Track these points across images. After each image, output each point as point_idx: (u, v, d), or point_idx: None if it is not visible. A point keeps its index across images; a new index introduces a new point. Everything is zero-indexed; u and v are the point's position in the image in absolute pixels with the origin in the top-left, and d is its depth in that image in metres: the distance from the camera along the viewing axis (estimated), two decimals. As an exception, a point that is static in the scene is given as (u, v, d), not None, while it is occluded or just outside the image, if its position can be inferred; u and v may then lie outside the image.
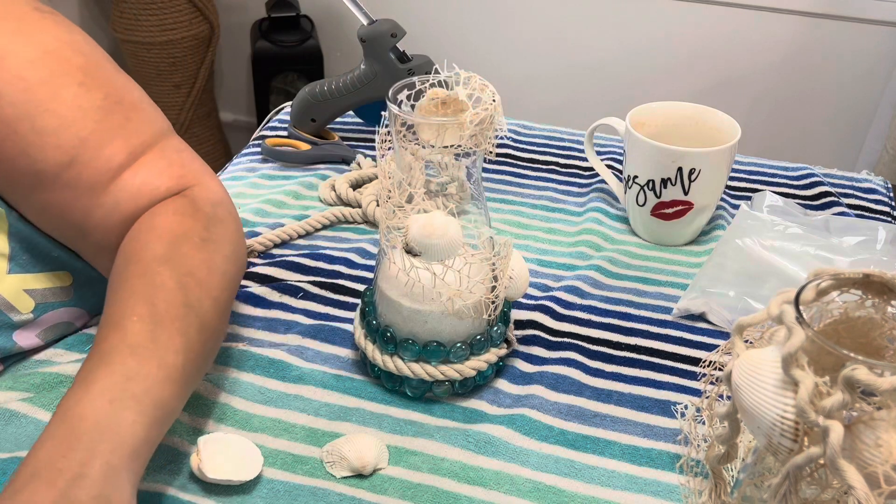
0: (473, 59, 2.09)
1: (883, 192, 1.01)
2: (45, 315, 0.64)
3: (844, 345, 0.46)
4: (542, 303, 0.78)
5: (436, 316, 0.64)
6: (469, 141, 0.60)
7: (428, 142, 0.60)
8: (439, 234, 0.60)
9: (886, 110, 1.86)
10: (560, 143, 1.09)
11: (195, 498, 0.58)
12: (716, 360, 0.54)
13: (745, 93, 1.96)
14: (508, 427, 0.64)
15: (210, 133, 2.31)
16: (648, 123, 0.90)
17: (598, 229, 0.90)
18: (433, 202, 0.63)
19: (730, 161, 0.86)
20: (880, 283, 0.46)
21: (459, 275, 0.62)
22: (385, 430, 0.64)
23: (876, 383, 0.39)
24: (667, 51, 1.96)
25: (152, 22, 2.06)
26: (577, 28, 2.00)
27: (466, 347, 0.65)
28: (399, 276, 0.63)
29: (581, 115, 1.98)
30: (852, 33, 1.83)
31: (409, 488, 0.59)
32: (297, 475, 0.60)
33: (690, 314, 0.78)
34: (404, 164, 0.62)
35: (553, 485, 0.60)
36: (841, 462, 0.40)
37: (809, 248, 0.85)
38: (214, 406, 0.65)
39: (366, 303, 0.69)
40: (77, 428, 0.47)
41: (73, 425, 0.48)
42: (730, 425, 0.50)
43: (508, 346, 0.70)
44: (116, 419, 0.48)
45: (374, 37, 0.95)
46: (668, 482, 0.61)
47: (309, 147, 1.01)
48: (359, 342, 0.68)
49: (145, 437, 0.50)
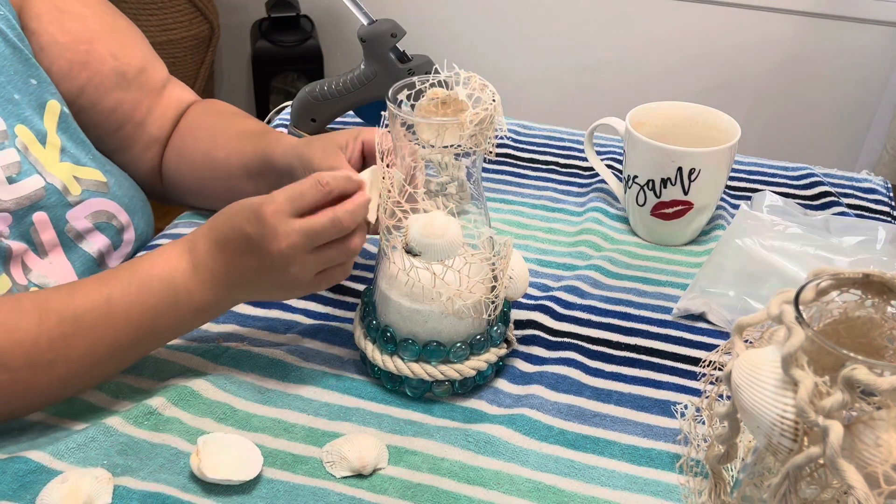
0: (473, 59, 2.09)
1: (883, 192, 1.01)
2: (91, 199, 0.76)
3: (844, 345, 0.46)
4: (542, 303, 0.78)
5: (435, 316, 0.64)
6: (469, 141, 0.60)
7: (428, 142, 0.60)
8: (439, 234, 0.60)
9: (886, 110, 1.86)
10: (560, 143, 1.09)
11: (195, 498, 0.58)
12: (716, 360, 0.54)
13: (745, 93, 1.96)
14: (508, 427, 0.64)
15: (210, 133, 2.31)
16: (648, 123, 0.90)
17: (598, 229, 0.90)
18: (433, 202, 0.63)
19: (730, 161, 0.86)
20: (880, 283, 0.46)
21: (459, 275, 0.62)
22: (385, 430, 0.64)
23: (876, 383, 0.39)
24: (667, 51, 1.96)
25: (152, 22, 2.06)
26: (577, 28, 2.00)
27: (466, 347, 0.65)
28: (399, 275, 0.63)
29: (581, 115, 1.98)
30: (852, 33, 1.83)
31: (408, 488, 0.59)
32: (297, 475, 0.60)
33: (690, 314, 0.78)
34: (404, 164, 0.62)
35: (553, 485, 0.60)
36: (841, 462, 0.40)
37: (809, 248, 0.85)
38: (214, 406, 0.65)
39: (365, 303, 0.69)
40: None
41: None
42: (730, 425, 0.50)
43: (508, 345, 0.70)
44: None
45: (374, 37, 0.95)
46: (667, 482, 0.61)
47: (309, 147, 1.01)
48: (358, 342, 0.68)
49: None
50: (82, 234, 0.76)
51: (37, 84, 0.74)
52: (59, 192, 0.73)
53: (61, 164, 0.75)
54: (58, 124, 0.75)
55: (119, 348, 0.62)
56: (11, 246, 0.70)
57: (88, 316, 0.60)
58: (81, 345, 0.60)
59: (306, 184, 0.60)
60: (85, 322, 0.60)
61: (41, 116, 0.74)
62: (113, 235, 0.78)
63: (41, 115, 0.74)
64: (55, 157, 0.74)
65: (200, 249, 0.63)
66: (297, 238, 0.59)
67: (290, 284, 0.63)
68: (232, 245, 0.61)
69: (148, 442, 0.62)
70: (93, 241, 0.76)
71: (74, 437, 0.61)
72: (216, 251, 0.62)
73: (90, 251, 0.76)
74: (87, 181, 0.76)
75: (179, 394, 0.65)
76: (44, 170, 0.73)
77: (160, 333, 0.64)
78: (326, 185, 0.60)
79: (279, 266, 0.61)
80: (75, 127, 0.77)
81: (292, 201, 0.60)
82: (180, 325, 0.64)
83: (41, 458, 0.59)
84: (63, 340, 0.60)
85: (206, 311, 0.64)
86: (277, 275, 0.61)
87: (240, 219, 0.61)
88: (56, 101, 0.75)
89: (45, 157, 0.73)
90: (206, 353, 0.70)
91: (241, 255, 0.61)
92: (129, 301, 0.61)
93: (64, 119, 0.76)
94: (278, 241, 0.59)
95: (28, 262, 0.72)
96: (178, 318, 0.63)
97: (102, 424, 0.62)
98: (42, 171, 0.73)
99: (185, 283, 0.62)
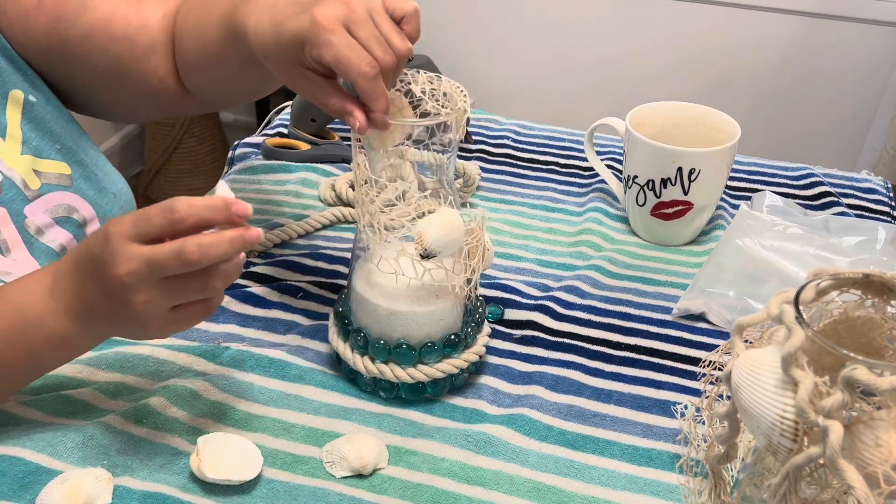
0: (473, 59, 2.09)
1: (883, 192, 1.01)
2: (51, 194, 0.72)
3: (844, 345, 0.46)
4: (542, 303, 0.78)
5: (439, 312, 0.64)
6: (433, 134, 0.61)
7: (377, 148, 0.61)
8: (456, 229, 0.60)
9: (886, 110, 1.86)
10: (560, 143, 1.09)
11: (195, 498, 0.58)
12: (716, 360, 0.54)
13: (745, 93, 1.96)
14: (508, 427, 0.64)
15: (210, 133, 2.31)
16: (648, 123, 0.90)
17: (598, 229, 0.90)
18: (430, 200, 0.63)
19: (730, 161, 0.86)
20: (880, 283, 0.46)
21: (463, 264, 0.62)
22: (385, 430, 0.64)
23: (876, 383, 0.39)
24: (667, 51, 1.96)
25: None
26: (577, 28, 2.00)
27: (440, 347, 0.65)
28: (411, 283, 0.63)
29: (581, 115, 1.98)
30: (852, 33, 1.83)
31: (408, 488, 0.59)
32: (297, 475, 0.60)
33: (690, 314, 0.78)
34: (379, 167, 0.63)
35: (553, 485, 0.60)
36: (841, 462, 0.40)
37: (809, 248, 0.85)
38: (214, 406, 0.65)
39: (341, 304, 0.69)
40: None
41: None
42: (730, 425, 0.50)
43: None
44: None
45: None
46: (667, 482, 0.61)
47: (309, 147, 1.02)
48: (336, 347, 0.68)
49: None
50: (42, 229, 0.71)
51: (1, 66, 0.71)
52: (16, 187, 0.70)
53: (21, 156, 0.71)
54: (22, 114, 0.72)
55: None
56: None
57: None
58: None
59: (156, 208, 0.54)
60: None
61: (3, 108, 0.71)
62: (74, 229, 0.73)
63: (3, 106, 0.71)
64: (15, 149, 0.71)
65: (62, 272, 0.57)
66: (136, 266, 0.52)
67: (141, 318, 0.55)
68: (83, 266, 0.56)
69: (148, 442, 0.62)
70: (53, 236, 0.72)
71: (73, 436, 0.61)
72: (73, 273, 0.56)
73: (52, 246, 0.72)
74: (48, 174, 0.73)
75: (179, 394, 0.65)
76: (2, 164, 0.70)
77: (15, 365, 0.58)
78: (174, 214, 0.53)
79: (120, 294, 0.54)
80: (42, 116, 0.73)
81: (136, 224, 0.53)
82: (36, 355, 0.58)
83: (40, 459, 0.59)
84: None
85: (64, 343, 0.57)
86: (121, 305, 0.54)
87: (92, 238, 0.56)
88: (20, 90, 0.72)
89: (3, 150, 0.70)
90: (206, 353, 0.70)
91: (89, 278, 0.55)
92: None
93: (29, 108, 0.72)
94: (118, 266, 0.53)
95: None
96: (31, 347, 0.57)
97: (102, 424, 0.62)
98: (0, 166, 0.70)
99: (38, 307, 0.56)
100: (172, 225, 0.53)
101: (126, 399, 0.66)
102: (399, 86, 0.64)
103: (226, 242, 0.53)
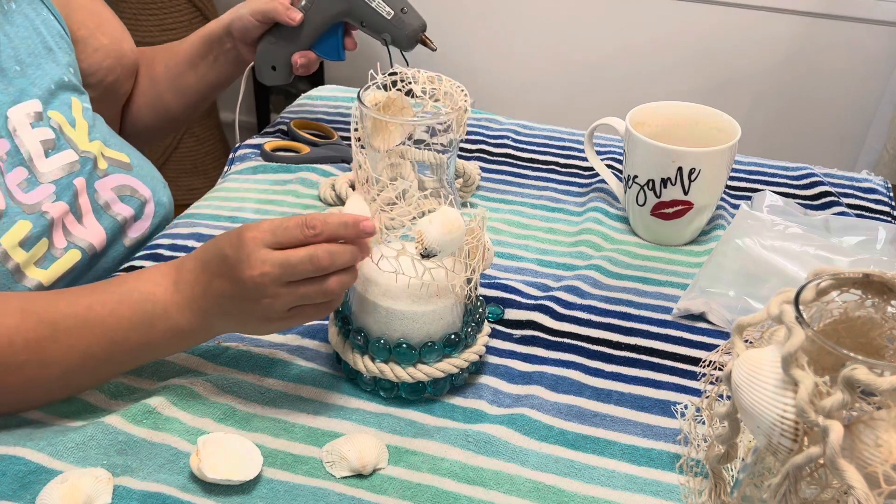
0: (473, 59, 2.09)
1: (883, 191, 1.01)
2: (116, 174, 0.84)
3: (844, 345, 0.46)
4: (542, 303, 0.78)
5: (439, 311, 0.64)
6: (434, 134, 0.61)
7: (378, 147, 0.61)
8: (456, 228, 0.60)
9: (886, 110, 1.86)
10: (560, 143, 1.09)
11: (195, 498, 0.58)
12: (716, 359, 0.54)
13: (745, 93, 1.95)
14: (508, 427, 0.64)
15: (210, 133, 2.31)
16: (648, 123, 0.90)
17: (598, 229, 0.90)
18: (430, 199, 0.63)
19: (730, 161, 0.86)
20: (880, 283, 0.46)
21: (463, 263, 0.62)
22: (385, 430, 0.64)
23: (876, 383, 0.39)
24: (667, 51, 1.96)
25: (152, 22, 2.06)
26: (577, 28, 2.00)
27: (440, 347, 0.65)
28: (411, 283, 0.63)
29: (581, 115, 1.98)
30: (852, 33, 1.83)
31: (408, 488, 0.59)
32: (297, 475, 0.60)
33: (690, 314, 0.78)
34: (379, 167, 0.63)
35: (553, 485, 0.60)
36: (841, 462, 0.40)
37: (809, 248, 0.85)
38: (214, 406, 0.65)
39: (340, 304, 0.69)
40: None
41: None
42: (730, 425, 0.50)
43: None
44: None
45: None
46: (667, 482, 0.61)
47: (308, 149, 1.01)
48: (336, 346, 0.68)
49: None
50: (109, 204, 0.82)
51: (67, 81, 0.83)
52: (91, 162, 0.81)
53: (91, 142, 0.82)
54: (83, 113, 0.84)
55: (92, 357, 0.61)
56: (54, 212, 0.75)
57: (67, 321, 0.60)
58: (55, 349, 0.60)
59: (294, 222, 0.59)
60: (62, 327, 0.60)
61: (69, 108, 0.82)
62: (136, 207, 0.85)
63: (69, 107, 0.82)
64: (85, 136, 0.82)
65: (186, 268, 0.62)
66: (270, 268, 0.58)
67: (263, 316, 0.61)
68: (212, 266, 0.61)
69: (148, 442, 0.62)
70: (119, 210, 0.83)
71: (73, 436, 0.61)
72: (199, 271, 0.61)
73: (118, 219, 0.82)
74: (112, 159, 0.84)
75: (179, 394, 0.65)
76: (77, 146, 0.80)
77: (134, 350, 0.62)
78: (311, 230, 0.59)
79: (251, 294, 0.59)
80: (100, 118, 0.86)
81: (274, 233, 0.59)
82: (155, 343, 0.62)
83: (40, 459, 0.59)
84: (38, 343, 0.59)
85: (183, 334, 0.63)
86: (249, 303, 0.60)
87: (224, 240, 0.61)
88: (78, 99, 0.84)
89: (76, 135, 0.81)
90: (206, 353, 0.70)
91: (218, 277, 0.60)
92: (107, 310, 0.61)
93: (87, 112, 0.85)
94: (252, 268, 0.58)
95: (68, 226, 0.78)
96: (152, 335, 0.62)
97: (102, 424, 0.62)
98: (75, 147, 0.80)
99: (164, 299, 0.61)
100: (308, 239, 0.59)
101: (126, 399, 0.66)
102: (400, 86, 0.64)
103: (350, 252, 0.60)
